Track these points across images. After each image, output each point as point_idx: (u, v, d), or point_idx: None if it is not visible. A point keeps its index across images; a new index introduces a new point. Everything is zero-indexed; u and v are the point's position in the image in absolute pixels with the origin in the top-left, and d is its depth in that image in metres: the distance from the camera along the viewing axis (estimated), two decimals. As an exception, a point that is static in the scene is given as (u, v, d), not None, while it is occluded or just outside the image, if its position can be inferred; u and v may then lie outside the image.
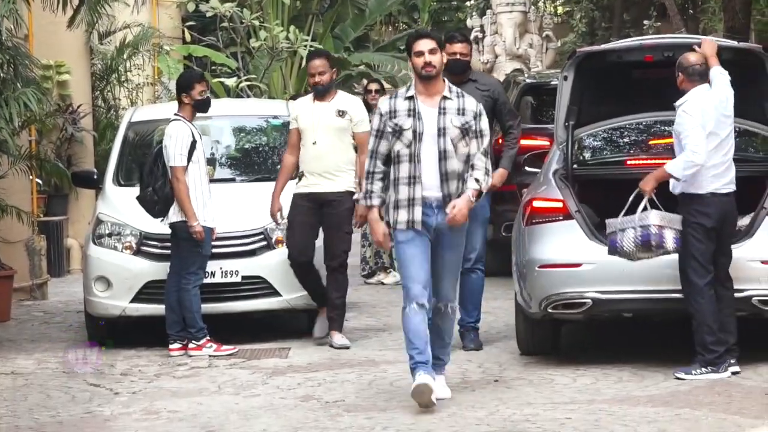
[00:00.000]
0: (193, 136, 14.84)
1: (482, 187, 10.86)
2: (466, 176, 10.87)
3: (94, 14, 18.44)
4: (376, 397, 12.80)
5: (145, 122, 16.57)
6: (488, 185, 11.11)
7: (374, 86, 21.36)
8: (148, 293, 15.48)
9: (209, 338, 15.06)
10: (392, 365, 14.12)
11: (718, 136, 13.07)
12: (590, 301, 13.29)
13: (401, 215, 10.69)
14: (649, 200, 12.75)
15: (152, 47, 22.57)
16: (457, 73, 13.13)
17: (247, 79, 26.27)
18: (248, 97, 23.99)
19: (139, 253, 15.50)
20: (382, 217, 11.07)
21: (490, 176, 11.13)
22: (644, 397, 12.42)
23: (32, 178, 19.12)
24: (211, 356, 14.92)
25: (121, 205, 16.00)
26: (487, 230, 11.63)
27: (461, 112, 10.70)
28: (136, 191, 15.41)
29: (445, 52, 11.10)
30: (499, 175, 13.27)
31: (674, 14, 36.68)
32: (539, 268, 12.18)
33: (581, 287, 13.32)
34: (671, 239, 12.29)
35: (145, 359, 14.87)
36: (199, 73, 16.68)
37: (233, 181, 17.43)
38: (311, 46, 29.11)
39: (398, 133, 10.68)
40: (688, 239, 12.70)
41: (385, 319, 17.40)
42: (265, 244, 16.10)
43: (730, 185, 12.93)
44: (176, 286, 14.99)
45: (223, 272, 15.74)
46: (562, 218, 12.87)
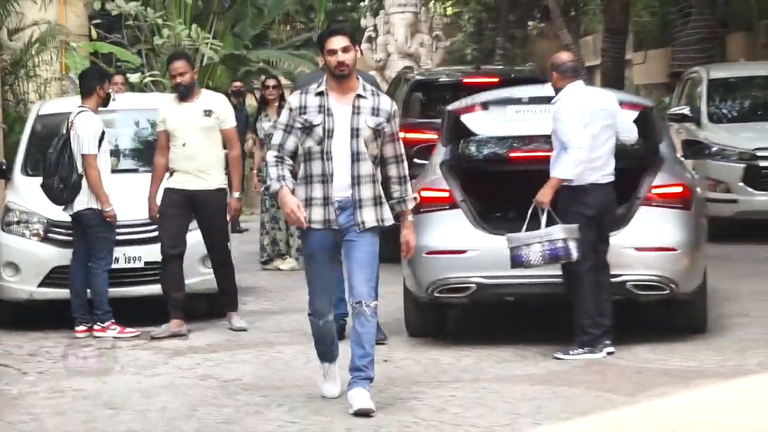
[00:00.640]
0: (102, 127, 15.06)
1: (415, 203, 10.87)
2: (389, 184, 10.73)
3: (3, 11, 18.77)
4: (271, 376, 13.01)
5: (52, 115, 16.67)
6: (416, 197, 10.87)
7: (272, 82, 21.81)
8: (54, 278, 15.59)
9: (113, 321, 15.21)
10: (287, 346, 14.46)
11: (595, 128, 13.38)
12: (474, 285, 13.61)
13: (316, 214, 10.34)
14: (547, 212, 13.13)
15: (60, 44, 22.86)
16: None
17: (151, 75, 26.55)
18: (152, 92, 24.24)
19: (46, 239, 15.62)
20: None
21: (409, 184, 10.93)
22: (524, 376, 12.63)
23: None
24: (114, 338, 15.07)
25: (29, 194, 16.15)
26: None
27: (376, 112, 10.38)
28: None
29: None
30: None
31: (557, 16, 37.36)
32: (426, 254, 12.53)
33: (466, 272, 13.62)
34: (575, 249, 12.70)
35: (52, 341, 14.93)
36: (107, 72, 16.98)
37: (136, 171, 17.51)
38: (212, 43, 29.46)
39: (308, 129, 10.34)
40: (578, 230, 13.04)
41: (281, 303, 17.66)
42: None
43: (609, 176, 13.29)
44: (81, 271, 15.13)
45: (126, 258, 15.89)
46: (448, 207, 13.21)
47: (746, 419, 10.72)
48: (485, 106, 14.89)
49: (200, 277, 16.20)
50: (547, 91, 13.42)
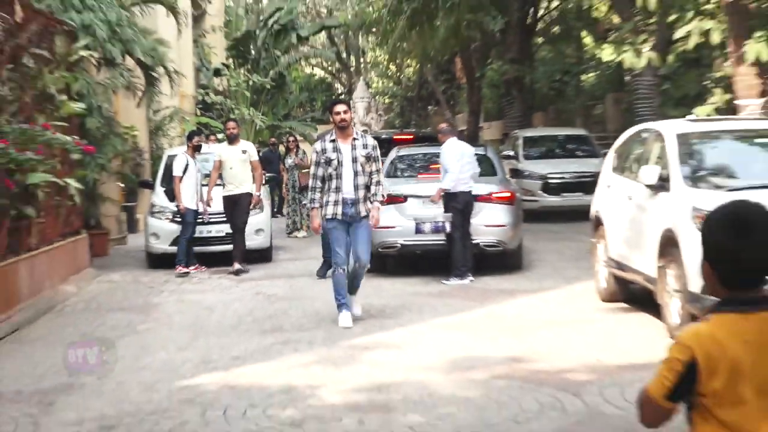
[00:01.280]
0: (187, 161, 15.21)
1: (383, 199, 10.63)
2: (371, 186, 10.48)
3: (150, 101, 18.84)
4: (293, 292, 12.99)
5: (175, 155, 16.73)
6: (385, 195, 10.81)
7: (292, 138, 22.59)
8: (174, 241, 15.39)
9: (197, 265, 15.26)
10: (301, 278, 14.23)
11: (463, 162, 13.55)
12: (399, 245, 13.94)
13: (330, 210, 10.38)
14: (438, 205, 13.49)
15: (179, 118, 22.81)
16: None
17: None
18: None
19: (171, 221, 15.58)
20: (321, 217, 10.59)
21: (384, 186, 10.78)
22: (426, 292, 12.58)
23: (119, 183, 19.41)
24: (200, 272, 15.07)
25: (162, 196, 16.07)
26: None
27: (365, 146, 10.50)
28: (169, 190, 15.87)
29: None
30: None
31: (443, 103, 37.34)
32: (375, 228, 12.50)
33: (394, 238, 13.90)
34: (448, 226, 13.05)
35: (174, 274, 14.80)
36: (198, 131, 17.29)
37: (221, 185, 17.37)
38: (261, 118, 30.31)
39: (328, 162, 10.40)
40: (453, 216, 13.32)
41: (298, 255, 17.27)
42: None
43: (468, 186, 13.49)
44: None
45: (208, 231, 15.89)
46: (389, 204, 13.38)
47: (546, 314, 11.01)
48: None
49: (254, 241, 16.15)
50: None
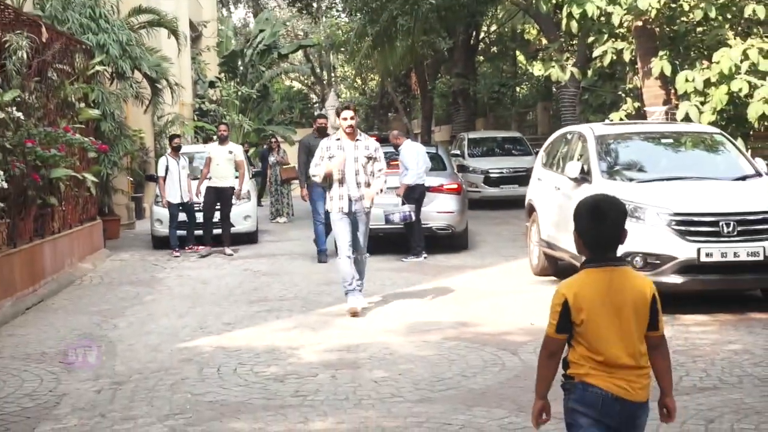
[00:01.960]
0: (167, 163, 14.81)
1: (380, 190, 9.54)
2: (370, 182, 9.39)
3: (155, 108, 18.62)
4: (277, 269, 12.90)
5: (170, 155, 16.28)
6: (382, 189, 9.62)
7: (274, 139, 22.55)
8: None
9: (191, 246, 14.92)
10: (284, 257, 14.10)
11: (419, 160, 13.32)
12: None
13: (336, 204, 9.34)
14: (402, 198, 12.91)
15: (179, 123, 22.45)
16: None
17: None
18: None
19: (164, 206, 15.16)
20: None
21: (383, 180, 9.61)
22: (389, 267, 12.49)
23: (128, 177, 19.09)
24: (196, 252, 14.70)
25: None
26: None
27: (367, 147, 9.44)
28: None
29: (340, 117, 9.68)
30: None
31: (401, 110, 37.20)
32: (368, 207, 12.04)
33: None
34: (412, 215, 11.98)
35: (170, 256, 14.43)
36: (177, 134, 16.57)
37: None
38: (248, 122, 29.91)
39: (332, 157, 9.36)
40: (410, 203, 12.71)
41: (280, 237, 17.20)
42: None
43: (422, 180, 13.30)
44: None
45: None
46: None
47: (488, 286, 11.02)
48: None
49: (243, 225, 15.92)
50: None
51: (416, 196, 13.27)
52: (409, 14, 26.27)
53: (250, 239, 16.15)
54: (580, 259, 3.82)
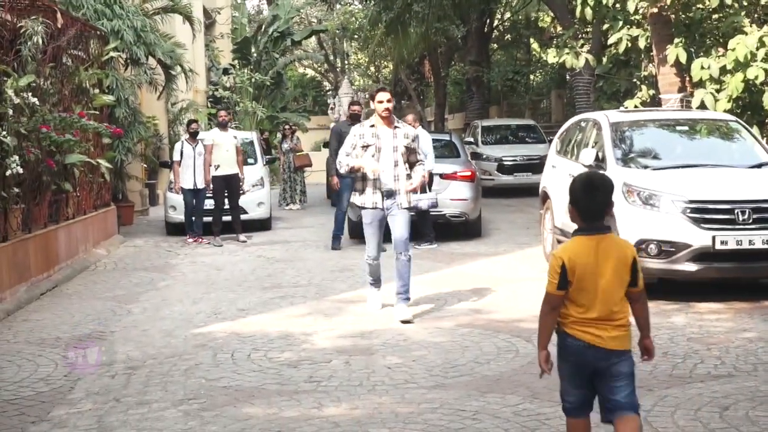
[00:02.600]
0: (182, 147, 14.51)
1: (424, 177, 8.57)
2: (410, 173, 8.38)
3: (168, 95, 18.61)
4: (290, 255, 12.89)
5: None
6: (422, 182, 8.59)
7: (287, 126, 22.44)
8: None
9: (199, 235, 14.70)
10: (296, 243, 14.12)
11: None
12: None
13: (367, 199, 8.29)
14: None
15: (193, 110, 22.44)
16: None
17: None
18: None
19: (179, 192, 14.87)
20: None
21: (425, 167, 8.68)
22: None
23: (142, 163, 19.14)
24: (206, 241, 14.40)
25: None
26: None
27: (406, 136, 8.40)
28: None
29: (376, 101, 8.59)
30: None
31: (414, 99, 37.11)
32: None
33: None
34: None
35: (183, 242, 14.48)
36: (194, 119, 16.47)
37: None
38: (261, 110, 30.08)
39: (366, 146, 8.33)
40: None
41: (292, 224, 17.16)
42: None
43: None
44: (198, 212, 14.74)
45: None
46: None
47: (502, 273, 11.05)
48: None
49: (256, 212, 15.95)
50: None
51: (429, 182, 13.30)
52: (423, 1, 26.24)
53: (263, 226, 16.11)
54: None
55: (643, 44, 14.82)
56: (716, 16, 14.60)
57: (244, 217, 15.23)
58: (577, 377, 4.13)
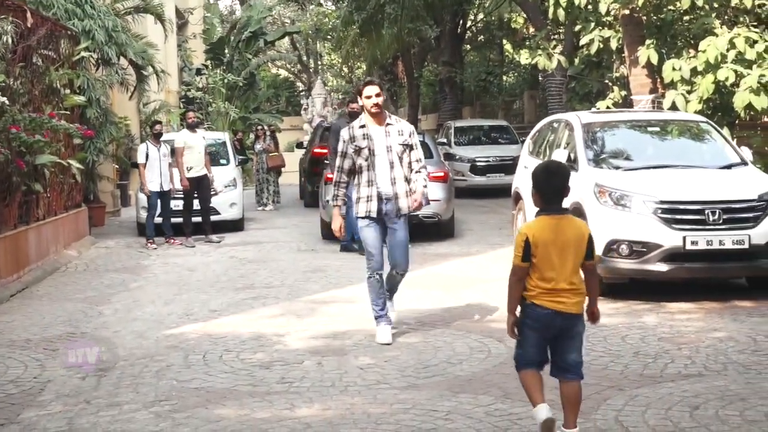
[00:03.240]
0: (147, 149, 14.19)
1: (425, 184, 7.69)
2: (410, 177, 7.57)
3: (140, 95, 18.54)
4: (263, 256, 12.91)
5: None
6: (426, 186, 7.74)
7: (260, 127, 22.37)
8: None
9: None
10: (269, 244, 14.10)
11: None
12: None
13: (362, 207, 7.45)
14: None
15: (165, 111, 22.38)
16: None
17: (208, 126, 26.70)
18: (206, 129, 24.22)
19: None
20: (342, 216, 7.71)
21: (422, 173, 7.67)
22: None
23: (114, 164, 19.06)
24: (179, 242, 14.33)
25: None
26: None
27: (401, 133, 7.56)
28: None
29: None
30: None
31: (387, 100, 37.01)
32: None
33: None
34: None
35: (157, 244, 14.24)
36: (158, 121, 16.30)
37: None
38: (234, 110, 30.10)
39: (358, 150, 7.45)
40: None
41: (265, 224, 17.17)
42: None
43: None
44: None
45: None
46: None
47: (474, 273, 11.00)
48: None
49: (228, 213, 15.98)
50: None
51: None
52: (396, 2, 26.25)
53: (236, 227, 16.14)
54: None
55: (614, 45, 14.93)
56: (687, 17, 14.72)
57: (216, 218, 15.26)
58: (541, 340, 4.77)
